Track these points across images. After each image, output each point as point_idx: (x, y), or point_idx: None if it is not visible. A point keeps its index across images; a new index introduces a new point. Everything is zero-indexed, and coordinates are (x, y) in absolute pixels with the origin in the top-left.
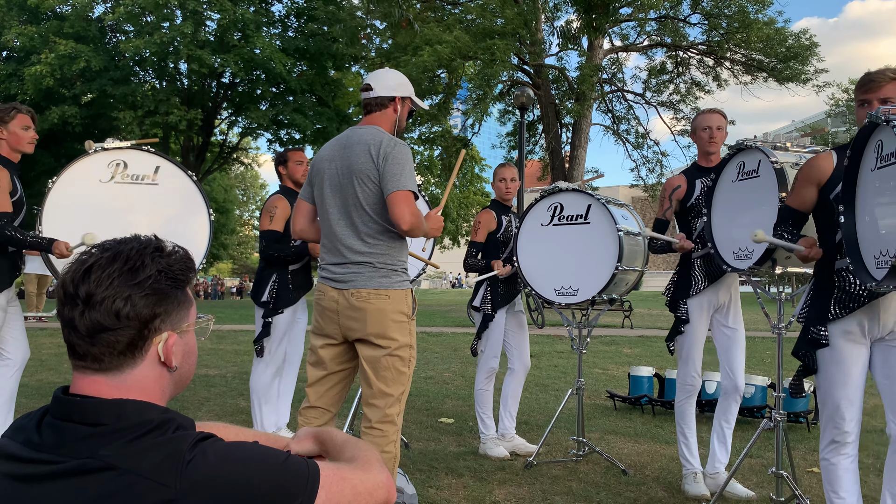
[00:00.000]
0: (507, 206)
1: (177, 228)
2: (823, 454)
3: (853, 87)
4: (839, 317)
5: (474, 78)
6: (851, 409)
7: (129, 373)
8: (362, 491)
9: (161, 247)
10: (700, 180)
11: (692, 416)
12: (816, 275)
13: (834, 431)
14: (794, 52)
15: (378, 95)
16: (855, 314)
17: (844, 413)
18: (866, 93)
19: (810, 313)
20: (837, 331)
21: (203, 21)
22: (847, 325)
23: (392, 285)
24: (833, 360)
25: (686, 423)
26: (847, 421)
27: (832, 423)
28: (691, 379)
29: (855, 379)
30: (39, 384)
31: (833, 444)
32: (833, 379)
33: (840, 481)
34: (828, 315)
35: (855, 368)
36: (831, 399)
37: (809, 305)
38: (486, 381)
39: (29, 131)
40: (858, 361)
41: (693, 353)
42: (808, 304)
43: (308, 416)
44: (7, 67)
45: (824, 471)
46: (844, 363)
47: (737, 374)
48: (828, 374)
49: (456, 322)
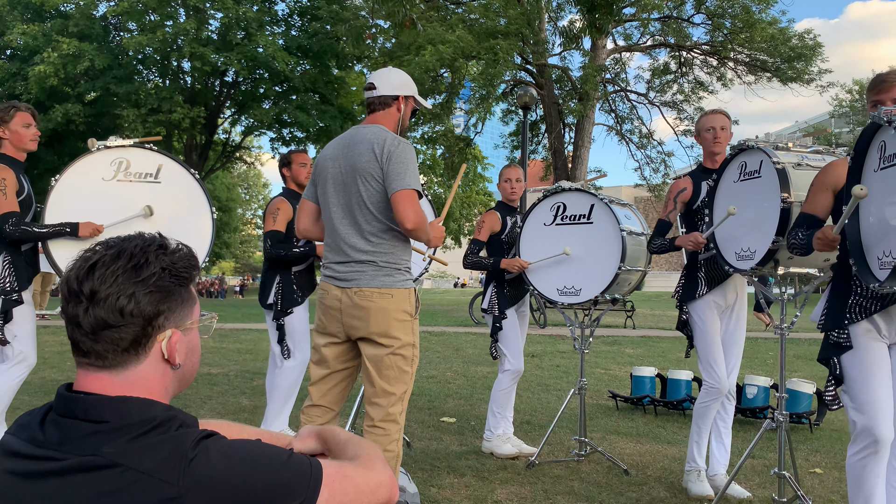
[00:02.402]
0: (513, 206)
1: (180, 227)
2: (853, 459)
3: (857, 87)
4: (856, 321)
5: (477, 77)
6: (883, 413)
7: (133, 370)
8: (365, 489)
9: (165, 244)
10: (705, 182)
11: (712, 416)
12: (834, 279)
13: (867, 438)
14: (798, 52)
15: (382, 94)
16: (872, 318)
17: (876, 417)
18: (879, 94)
19: (828, 318)
20: (860, 330)
21: (206, 19)
22: (868, 324)
23: (395, 284)
24: (857, 363)
25: (704, 422)
26: (880, 425)
27: (865, 430)
28: (715, 381)
29: (884, 379)
30: (42, 381)
31: (866, 451)
32: (860, 381)
33: (873, 489)
34: (845, 319)
35: (882, 369)
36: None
37: (827, 311)
38: (511, 382)
39: (31, 128)
40: (884, 361)
41: (712, 356)
42: (826, 310)
43: (311, 414)
44: (11, 66)
45: (853, 476)
46: (870, 364)
47: (731, 374)
48: (854, 378)
49: (458, 322)
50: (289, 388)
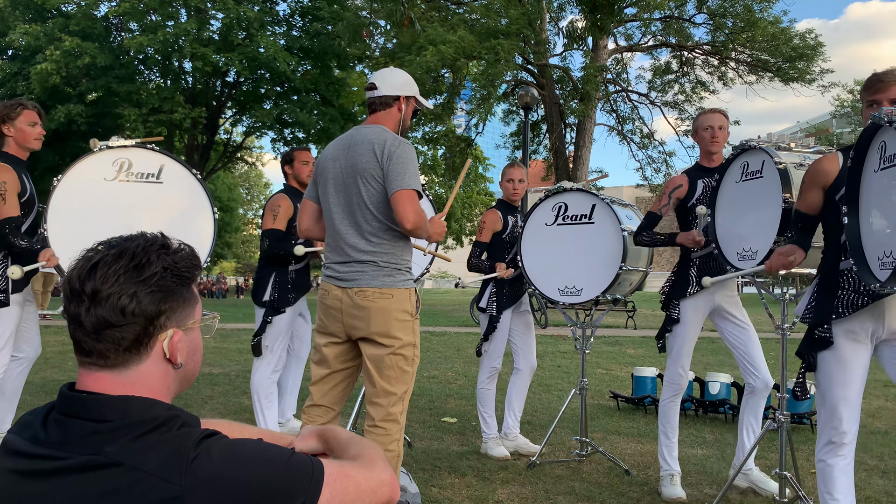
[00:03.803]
0: (514, 206)
1: (181, 227)
2: (820, 455)
3: (859, 87)
4: (843, 317)
5: (478, 78)
6: (849, 410)
7: (135, 369)
8: (366, 489)
9: (167, 244)
10: (702, 180)
11: (676, 417)
12: (821, 275)
13: (831, 432)
14: (800, 51)
15: (383, 94)
16: (859, 314)
17: (842, 414)
18: (875, 93)
19: (815, 314)
20: (841, 330)
21: (207, 20)
22: (851, 325)
23: (396, 284)
24: (834, 360)
25: (669, 423)
26: (844, 421)
27: (830, 424)
28: (678, 377)
29: (855, 379)
30: (44, 381)
31: (830, 445)
32: (833, 379)
33: (835, 483)
34: (832, 315)
35: (856, 369)
36: (830, 399)
37: (815, 306)
38: (488, 380)
39: (36, 127)
40: (860, 362)
41: (683, 352)
42: (812, 305)
43: (312, 414)
44: (13, 66)
45: (820, 472)
46: (846, 363)
47: (761, 370)
48: (828, 374)
49: (459, 322)
50: (263, 388)
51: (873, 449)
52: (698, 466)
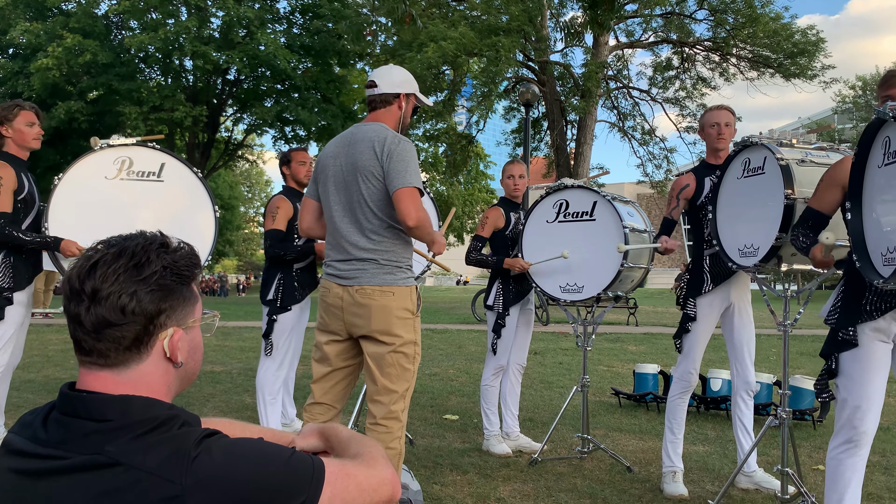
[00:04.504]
0: (516, 203)
1: (182, 225)
2: (834, 452)
3: (860, 83)
4: (871, 318)
5: (479, 75)
6: (872, 410)
7: (135, 368)
8: (367, 487)
9: (167, 243)
10: (709, 178)
11: (683, 414)
12: (847, 276)
13: (851, 431)
14: (801, 47)
15: (383, 92)
16: (886, 315)
17: (865, 413)
18: (889, 89)
19: (841, 315)
20: (867, 329)
21: (207, 18)
22: (877, 324)
23: (396, 282)
24: (858, 359)
25: (676, 420)
26: (866, 421)
27: (850, 424)
28: (688, 375)
29: (879, 378)
30: (46, 380)
31: (848, 444)
32: (857, 378)
33: (846, 481)
34: (860, 316)
35: (881, 368)
36: (853, 398)
37: (841, 308)
38: (493, 377)
39: (34, 127)
40: (884, 361)
41: (695, 350)
42: (837, 306)
43: (313, 412)
44: (14, 65)
45: (832, 469)
46: (870, 362)
47: (747, 371)
48: (851, 374)
49: (461, 319)
50: (269, 386)
51: (875, 445)
52: (700, 463)
